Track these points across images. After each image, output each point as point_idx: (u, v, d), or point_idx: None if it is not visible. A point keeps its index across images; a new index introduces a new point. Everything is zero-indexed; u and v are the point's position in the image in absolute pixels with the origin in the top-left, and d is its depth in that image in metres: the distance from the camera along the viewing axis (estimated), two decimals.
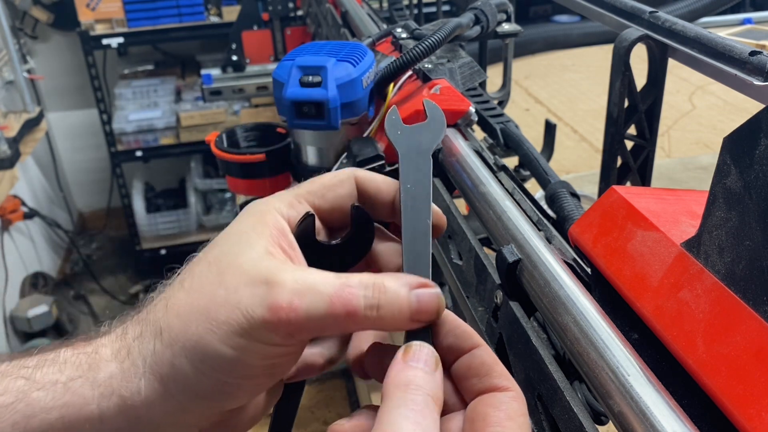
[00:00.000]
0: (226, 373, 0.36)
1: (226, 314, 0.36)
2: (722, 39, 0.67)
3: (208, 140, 1.05)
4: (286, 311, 0.35)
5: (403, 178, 0.43)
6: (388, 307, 0.37)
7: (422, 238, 0.41)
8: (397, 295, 0.37)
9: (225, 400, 0.38)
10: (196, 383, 0.37)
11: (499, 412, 0.35)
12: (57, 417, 0.36)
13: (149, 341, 0.38)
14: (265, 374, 0.38)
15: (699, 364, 0.36)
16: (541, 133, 0.92)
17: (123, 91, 3.21)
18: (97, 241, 3.88)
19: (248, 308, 0.36)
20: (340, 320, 0.36)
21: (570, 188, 0.70)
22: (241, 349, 0.36)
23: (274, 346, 0.36)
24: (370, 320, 0.37)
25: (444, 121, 0.46)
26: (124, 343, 0.38)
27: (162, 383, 0.37)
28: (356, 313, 0.36)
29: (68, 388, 0.37)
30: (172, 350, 0.37)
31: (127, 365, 0.37)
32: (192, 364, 0.36)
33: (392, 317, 0.37)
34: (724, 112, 1.74)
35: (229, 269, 0.37)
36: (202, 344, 0.36)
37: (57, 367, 0.37)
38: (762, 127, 0.35)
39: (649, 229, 0.43)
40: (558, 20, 2.37)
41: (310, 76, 0.81)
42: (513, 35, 1.09)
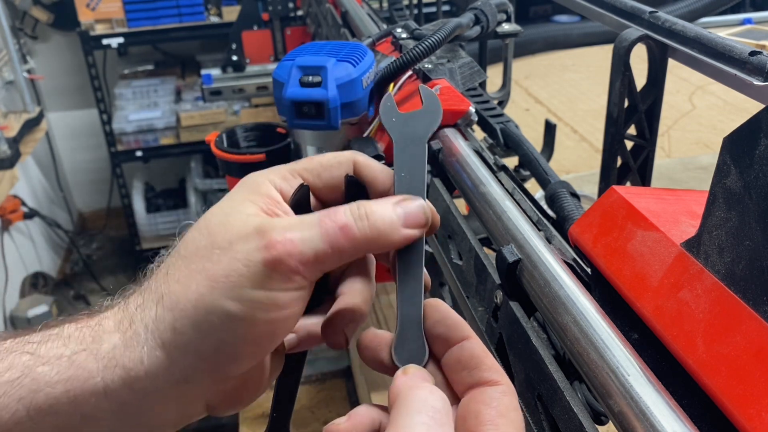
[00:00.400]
0: (228, 332, 0.36)
1: (226, 269, 0.36)
2: (722, 39, 0.67)
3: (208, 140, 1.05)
4: (282, 244, 0.36)
5: (397, 166, 0.42)
6: (377, 215, 0.38)
7: None
8: (383, 207, 0.38)
9: (227, 364, 0.38)
10: (197, 346, 0.37)
11: (490, 409, 0.35)
12: (62, 391, 0.36)
13: (151, 308, 0.38)
14: (266, 333, 0.37)
15: (699, 364, 0.36)
16: (541, 133, 0.92)
17: (123, 91, 3.22)
18: (97, 241, 3.88)
19: (246, 255, 0.36)
20: (335, 241, 0.37)
21: (570, 188, 0.70)
22: (242, 300, 0.36)
23: (276, 292, 0.36)
24: (365, 233, 0.37)
25: (440, 109, 0.45)
26: (126, 314, 0.39)
27: (164, 350, 0.37)
28: (347, 226, 0.37)
29: (72, 361, 0.37)
30: (173, 314, 0.37)
31: (129, 335, 0.38)
32: (193, 326, 0.36)
33: (384, 227, 0.38)
34: (724, 112, 1.74)
35: (221, 230, 0.38)
36: (204, 303, 0.36)
37: (61, 341, 0.38)
38: (762, 127, 0.35)
39: (649, 229, 0.43)
40: (558, 20, 2.37)
41: (310, 76, 0.81)
42: (513, 35, 1.09)
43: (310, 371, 1.82)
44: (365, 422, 0.37)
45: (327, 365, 1.84)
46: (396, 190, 0.42)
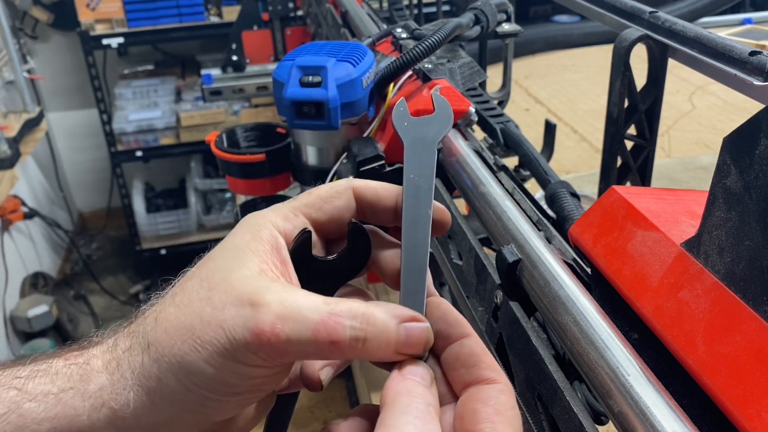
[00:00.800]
0: (211, 390, 0.37)
1: (211, 334, 0.36)
2: (722, 39, 0.67)
3: (208, 140, 1.05)
4: (268, 335, 0.35)
5: (407, 168, 0.43)
6: (375, 340, 0.36)
7: (422, 228, 0.42)
8: (386, 328, 0.37)
9: (212, 414, 0.38)
10: (182, 398, 0.37)
11: (487, 408, 0.35)
12: (48, 428, 0.36)
13: (138, 354, 0.38)
14: (249, 391, 0.38)
15: (699, 364, 0.36)
16: (541, 133, 0.92)
17: (123, 91, 3.22)
18: (97, 241, 3.88)
19: (232, 329, 0.36)
20: (323, 349, 0.36)
21: (570, 188, 0.71)
22: (223, 368, 0.36)
23: (257, 368, 0.37)
24: (354, 351, 0.36)
25: (451, 114, 0.46)
26: (114, 355, 0.39)
27: (149, 396, 0.37)
28: (340, 343, 0.36)
29: (60, 399, 0.37)
30: (159, 365, 0.37)
31: (116, 377, 0.38)
32: (177, 380, 0.37)
33: (378, 350, 0.37)
34: (724, 112, 1.74)
35: (219, 286, 0.37)
36: (187, 362, 0.36)
37: (49, 378, 0.38)
38: (762, 127, 0.35)
39: (649, 229, 0.43)
40: (558, 20, 2.37)
41: (310, 76, 0.81)
42: (513, 35, 1.09)
43: None
44: (363, 422, 0.37)
45: None
46: (405, 190, 0.42)
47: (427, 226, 0.42)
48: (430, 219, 0.42)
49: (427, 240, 0.41)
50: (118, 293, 3.48)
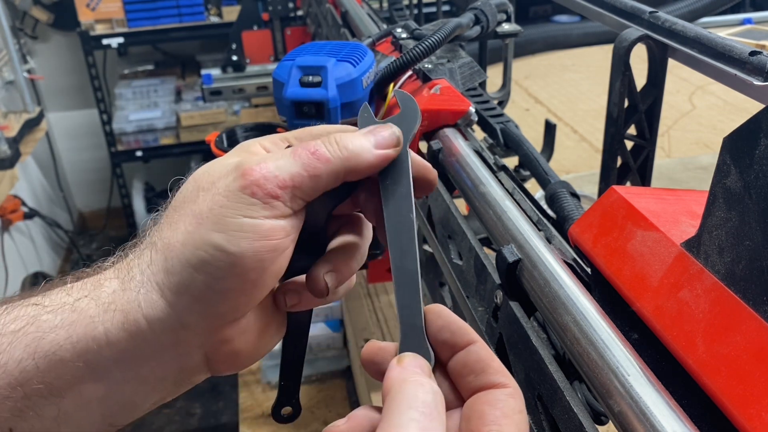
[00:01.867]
0: (217, 266, 0.37)
1: (209, 204, 0.38)
2: (722, 39, 0.67)
3: (208, 140, 1.05)
4: (257, 170, 0.38)
5: (382, 175, 0.42)
6: (347, 139, 0.40)
7: (407, 235, 0.41)
8: (353, 134, 0.40)
9: (219, 302, 0.38)
10: (189, 284, 0.37)
11: (495, 410, 0.35)
12: (65, 337, 0.37)
13: (146, 254, 0.39)
14: (254, 265, 0.38)
15: (699, 364, 0.36)
16: (541, 133, 0.92)
17: (123, 91, 3.22)
18: (97, 241, 3.88)
19: (226, 188, 0.38)
20: (309, 163, 0.38)
21: (570, 188, 0.71)
22: (228, 230, 0.37)
23: (259, 219, 0.37)
24: (336, 156, 0.39)
25: (418, 111, 0.44)
26: (125, 262, 0.40)
27: (159, 292, 0.38)
28: (319, 151, 0.39)
29: (75, 308, 0.38)
30: (165, 255, 0.38)
31: (126, 280, 0.39)
32: (183, 265, 0.37)
33: (354, 147, 0.39)
34: (724, 112, 1.74)
35: (205, 176, 0.40)
36: (192, 239, 0.38)
37: (65, 291, 0.39)
38: (762, 127, 0.35)
39: (649, 229, 0.43)
40: (558, 20, 2.37)
41: (310, 76, 0.81)
42: (513, 35, 1.09)
43: (310, 371, 1.82)
44: (364, 424, 0.37)
45: (327, 365, 1.84)
46: (383, 197, 0.42)
47: (412, 230, 0.41)
48: (414, 223, 0.41)
49: (414, 245, 0.41)
50: None
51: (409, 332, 0.40)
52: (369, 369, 0.40)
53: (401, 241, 0.41)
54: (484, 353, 0.38)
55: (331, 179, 0.39)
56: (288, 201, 0.38)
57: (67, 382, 0.37)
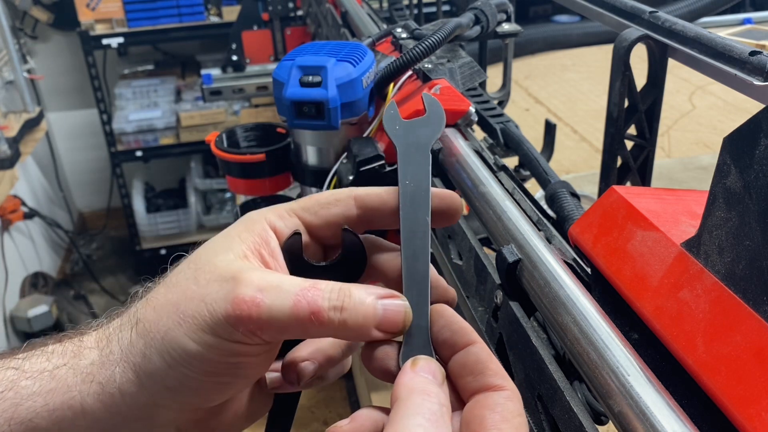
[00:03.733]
0: (191, 368, 0.37)
1: (194, 308, 0.37)
2: (722, 39, 0.67)
3: (208, 140, 1.05)
4: (248, 305, 0.36)
5: (402, 174, 0.42)
6: (353, 310, 0.37)
7: (422, 235, 0.41)
8: (362, 302, 0.38)
9: (193, 396, 0.39)
10: (164, 375, 0.38)
11: (494, 414, 0.35)
12: (42, 404, 0.37)
13: (126, 331, 0.39)
14: (229, 373, 0.38)
15: (699, 364, 0.36)
16: (541, 133, 0.92)
17: (123, 91, 3.22)
18: (97, 241, 3.88)
19: (213, 302, 0.37)
20: (303, 320, 0.37)
21: (570, 188, 0.71)
22: (203, 344, 0.37)
23: (237, 344, 0.37)
24: (334, 323, 0.37)
25: (443, 116, 0.45)
26: (106, 333, 0.40)
27: (134, 372, 0.38)
28: (320, 312, 0.37)
29: (54, 375, 0.38)
30: (145, 340, 0.38)
31: (105, 353, 0.39)
32: (160, 356, 0.38)
33: (356, 322, 0.37)
34: (724, 112, 1.74)
35: (205, 267, 0.39)
36: (170, 337, 0.37)
37: (45, 357, 0.39)
38: (762, 127, 0.34)
39: (649, 229, 0.43)
40: (558, 20, 2.37)
41: (310, 76, 0.81)
42: (513, 35, 1.09)
43: None
44: (367, 425, 0.37)
45: None
46: (401, 199, 0.42)
47: (427, 233, 0.41)
48: (428, 225, 0.41)
49: (427, 247, 0.41)
50: (118, 293, 3.48)
51: (415, 332, 0.40)
52: (369, 366, 0.40)
53: (415, 242, 0.41)
54: (483, 354, 0.38)
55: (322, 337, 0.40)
56: (269, 339, 0.38)
57: None
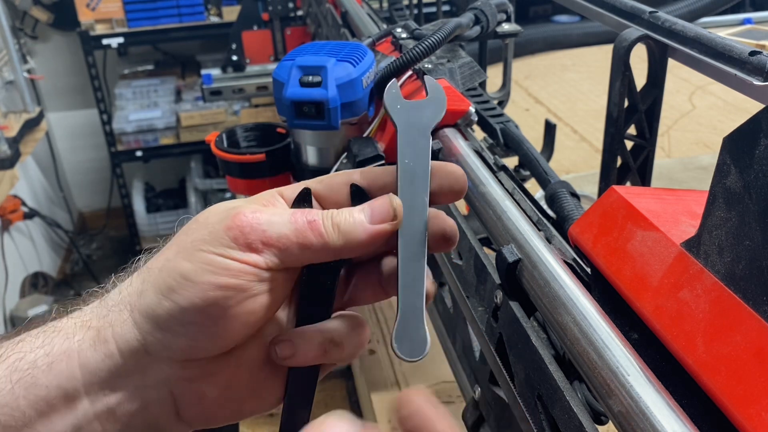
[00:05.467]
0: (181, 296, 0.37)
1: (193, 237, 0.38)
2: (722, 39, 0.67)
3: (208, 140, 1.05)
4: (247, 218, 0.38)
5: (401, 153, 0.42)
6: (343, 215, 0.39)
7: (419, 214, 0.41)
8: (349, 210, 0.40)
9: (180, 336, 0.38)
10: (155, 310, 0.38)
11: None
12: (42, 355, 0.38)
13: (128, 277, 0.40)
14: (217, 302, 0.37)
15: (699, 364, 0.36)
16: (541, 133, 0.92)
17: (123, 91, 3.21)
18: (97, 241, 3.88)
19: (214, 226, 0.38)
20: (302, 230, 0.38)
21: (570, 188, 0.71)
22: (196, 261, 0.37)
23: (231, 260, 0.37)
24: (329, 229, 0.39)
25: (445, 99, 0.45)
26: (108, 287, 0.41)
27: (129, 311, 0.39)
28: (316, 221, 0.38)
29: (55, 327, 0.39)
30: (143, 277, 0.39)
31: (105, 299, 0.40)
32: (155, 288, 0.38)
33: (347, 225, 0.39)
34: (724, 112, 1.74)
35: (206, 213, 0.40)
36: (166, 266, 0.38)
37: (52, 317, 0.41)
38: (762, 127, 0.34)
39: (649, 229, 0.43)
40: (558, 20, 2.37)
41: (310, 76, 0.81)
42: (513, 35, 1.09)
43: None
44: None
45: None
46: (400, 177, 0.42)
47: (424, 214, 0.41)
48: (426, 206, 0.41)
49: (424, 228, 0.41)
50: None
51: (409, 313, 0.39)
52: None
53: (413, 219, 0.41)
54: None
55: (322, 253, 0.39)
56: (267, 259, 0.38)
57: (40, 411, 0.37)
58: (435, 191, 0.42)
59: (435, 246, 0.42)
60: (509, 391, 0.52)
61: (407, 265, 0.40)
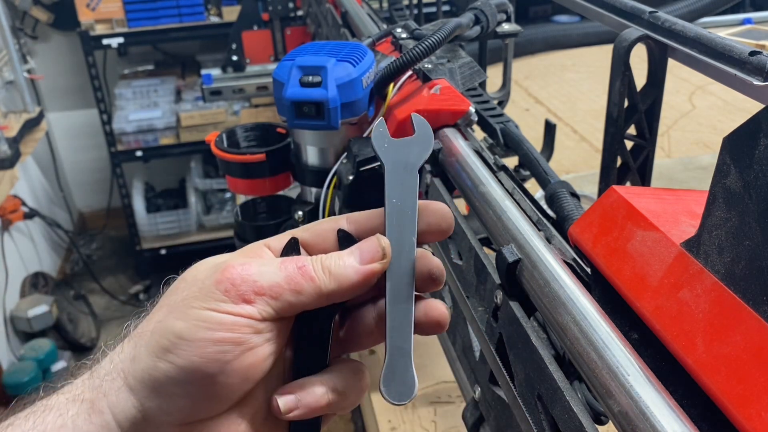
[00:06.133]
0: (177, 356, 0.36)
1: (183, 295, 0.38)
2: (722, 39, 0.67)
3: (208, 140, 1.05)
4: (237, 270, 0.37)
5: (389, 192, 0.42)
6: (332, 259, 0.39)
7: (406, 254, 0.41)
8: (338, 253, 0.40)
9: (180, 398, 0.37)
10: (151, 373, 0.37)
11: None
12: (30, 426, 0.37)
13: (119, 344, 0.39)
14: (215, 359, 0.36)
15: (699, 364, 0.36)
16: (541, 133, 0.92)
17: (123, 91, 3.22)
18: (97, 241, 3.88)
19: (203, 282, 0.38)
20: (293, 277, 0.38)
21: (570, 188, 0.70)
22: (189, 318, 0.37)
23: (223, 314, 0.37)
24: (318, 273, 0.38)
25: (432, 136, 0.45)
26: (97, 357, 0.40)
27: (123, 379, 0.38)
28: (305, 267, 0.38)
29: (47, 405, 0.38)
30: (135, 343, 0.38)
31: (96, 369, 0.39)
32: (148, 350, 0.37)
33: (337, 268, 0.39)
34: (724, 112, 1.74)
35: (194, 271, 0.39)
36: (159, 328, 0.37)
37: (41, 395, 0.39)
38: (762, 127, 0.35)
39: (649, 229, 0.43)
40: (558, 20, 2.37)
41: (310, 76, 0.81)
42: (513, 35, 1.09)
43: None
44: None
45: None
46: (387, 217, 0.42)
47: (412, 254, 0.41)
48: (414, 246, 0.41)
49: (412, 269, 0.41)
50: (118, 293, 3.48)
51: (397, 355, 0.39)
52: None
53: (400, 263, 0.41)
54: None
55: (314, 298, 0.39)
56: (261, 309, 0.38)
57: None
58: (422, 230, 0.42)
59: (422, 286, 0.42)
60: (509, 391, 0.52)
61: (395, 307, 0.40)
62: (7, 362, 2.69)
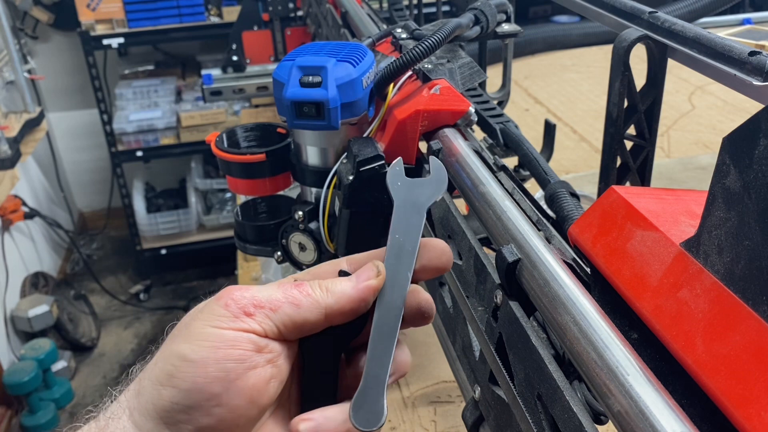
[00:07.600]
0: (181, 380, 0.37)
1: (185, 321, 0.39)
2: (722, 39, 0.67)
3: (208, 140, 1.05)
4: (239, 291, 0.39)
5: (394, 227, 0.44)
6: (330, 282, 0.41)
7: (399, 288, 0.42)
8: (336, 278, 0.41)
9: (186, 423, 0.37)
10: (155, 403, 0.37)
11: None
12: None
13: (126, 385, 0.40)
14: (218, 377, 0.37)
15: (698, 364, 0.36)
16: (541, 133, 0.92)
17: (123, 92, 3.22)
18: (98, 241, 3.88)
19: (206, 303, 0.39)
20: (290, 292, 0.39)
21: (570, 188, 0.71)
22: (193, 339, 0.37)
23: (226, 330, 0.37)
24: (317, 291, 0.40)
25: (446, 181, 0.47)
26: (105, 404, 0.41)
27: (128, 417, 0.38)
28: (304, 285, 0.40)
29: None
30: (140, 377, 0.39)
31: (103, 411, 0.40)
32: (151, 383, 0.38)
33: (335, 286, 0.40)
34: (723, 112, 1.74)
35: (193, 310, 0.40)
36: (162, 356, 0.38)
37: None
38: (761, 127, 0.35)
39: (649, 229, 0.43)
40: (558, 20, 2.37)
41: (310, 76, 0.81)
42: (513, 35, 1.09)
43: None
44: None
45: None
46: (388, 250, 0.43)
47: (405, 289, 0.42)
48: (408, 281, 0.42)
49: (402, 303, 0.42)
50: (119, 293, 3.48)
51: (372, 384, 0.40)
52: None
53: (393, 294, 0.42)
54: None
55: (313, 313, 0.39)
56: (261, 321, 0.38)
57: None
58: (420, 268, 0.43)
59: (411, 320, 0.43)
60: (509, 391, 0.53)
61: (378, 337, 0.41)
62: (8, 362, 2.69)
